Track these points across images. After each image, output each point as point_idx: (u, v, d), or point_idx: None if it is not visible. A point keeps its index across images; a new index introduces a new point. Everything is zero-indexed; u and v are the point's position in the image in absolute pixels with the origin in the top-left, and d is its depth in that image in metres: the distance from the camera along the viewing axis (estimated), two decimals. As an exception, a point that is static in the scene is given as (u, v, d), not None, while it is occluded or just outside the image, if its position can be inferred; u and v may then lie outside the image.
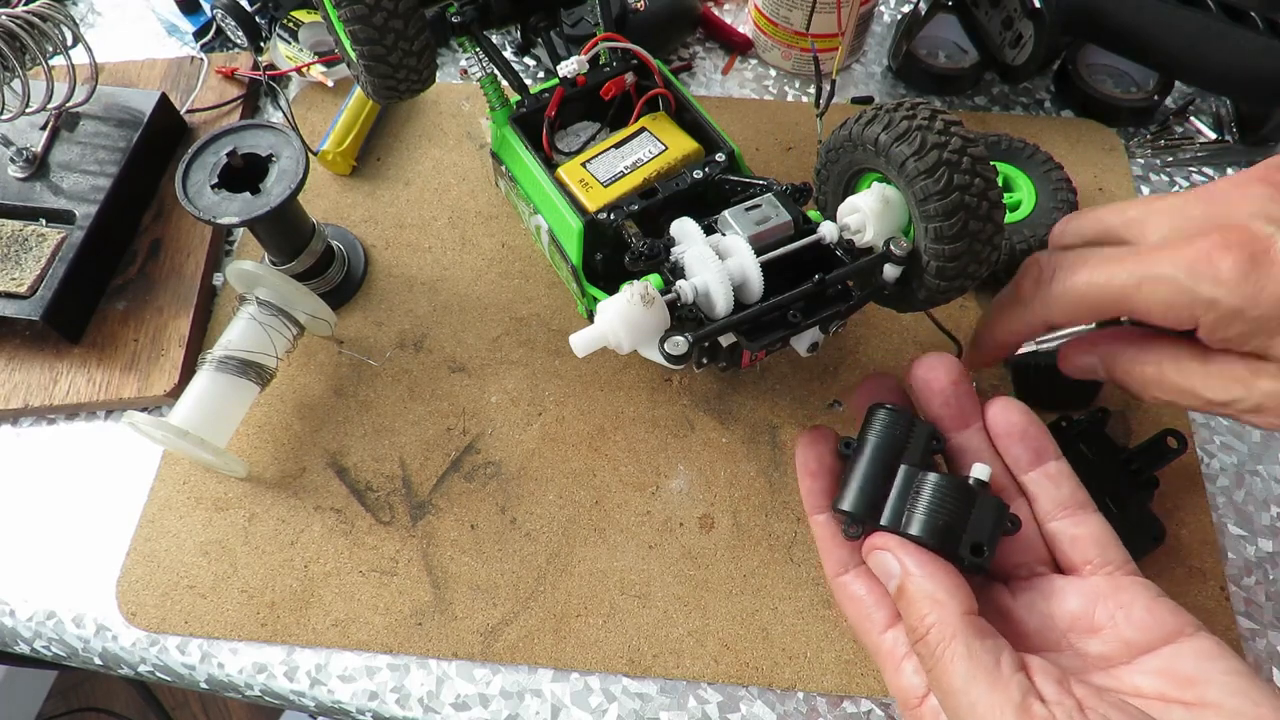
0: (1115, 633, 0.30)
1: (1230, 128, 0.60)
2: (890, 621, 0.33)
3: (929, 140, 0.35)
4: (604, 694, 0.42)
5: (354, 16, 0.39)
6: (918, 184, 0.35)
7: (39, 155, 0.55)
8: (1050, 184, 0.52)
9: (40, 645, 0.45)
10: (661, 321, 0.36)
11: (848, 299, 0.38)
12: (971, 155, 0.35)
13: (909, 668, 0.32)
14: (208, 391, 0.45)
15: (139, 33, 0.68)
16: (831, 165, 0.42)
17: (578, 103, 0.49)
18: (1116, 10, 0.54)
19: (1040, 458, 0.34)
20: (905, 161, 0.35)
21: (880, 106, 0.37)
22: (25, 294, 0.49)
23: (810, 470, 0.36)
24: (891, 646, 0.33)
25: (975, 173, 0.35)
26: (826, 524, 0.36)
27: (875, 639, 0.33)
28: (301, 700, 0.43)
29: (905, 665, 0.32)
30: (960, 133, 0.35)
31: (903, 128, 0.35)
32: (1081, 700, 0.27)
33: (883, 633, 0.33)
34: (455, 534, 0.45)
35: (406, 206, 0.57)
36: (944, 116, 0.36)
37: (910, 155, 0.35)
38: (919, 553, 0.31)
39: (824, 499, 0.36)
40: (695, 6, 0.65)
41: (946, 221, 0.35)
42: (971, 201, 0.35)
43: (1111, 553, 0.32)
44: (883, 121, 0.36)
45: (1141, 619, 0.30)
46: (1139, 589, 0.31)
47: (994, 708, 0.27)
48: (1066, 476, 0.34)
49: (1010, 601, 0.33)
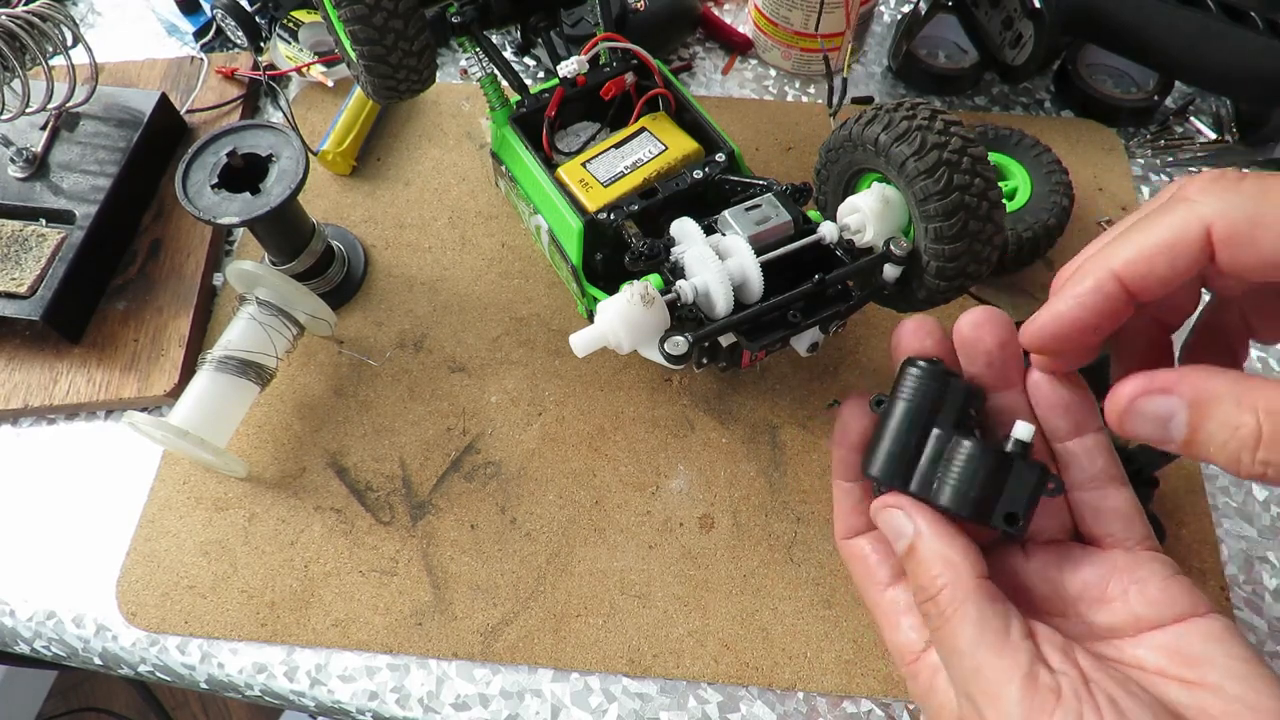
0: (1126, 606, 0.30)
1: (1230, 128, 0.60)
2: (893, 579, 0.33)
3: (929, 140, 0.35)
4: (604, 694, 0.42)
5: (354, 16, 0.39)
6: (918, 184, 0.35)
7: (39, 155, 0.55)
8: (1043, 168, 0.52)
9: (40, 645, 0.45)
10: (661, 321, 0.36)
11: (847, 299, 0.38)
12: (971, 155, 0.35)
13: (906, 624, 0.32)
14: (208, 391, 0.45)
15: (139, 33, 0.68)
16: (831, 165, 0.42)
17: (578, 103, 0.49)
18: (1116, 10, 0.54)
19: (1080, 429, 0.32)
20: (905, 161, 0.35)
21: (880, 106, 0.37)
22: (25, 294, 0.49)
23: (843, 438, 0.34)
24: (892, 603, 0.33)
25: (975, 173, 0.35)
26: (850, 491, 0.35)
27: (876, 595, 0.33)
28: (301, 700, 0.43)
29: (903, 622, 0.32)
30: (960, 133, 0.35)
31: (903, 128, 0.35)
32: (1085, 672, 0.27)
33: (884, 589, 0.33)
34: (455, 534, 0.45)
35: (406, 206, 0.57)
36: (944, 116, 0.36)
37: (910, 155, 0.35)
38: (931, 513, 0.30)
39: (849, 470, 0.34)
40: (695, 6, 0.65)
41: (946, 222, 0.35)
42: (971, 201, 0.35)
43: (1136, 528, 0.31)
44: (882, 121, 0.36)
45: (1154, 595, 0.29)
46: (1157, 565, 0.30)
47: (1001, 672, 0.26)
48: (1104, 450, 0.32)
49: (1022, 563, 0.32)
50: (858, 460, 0.35)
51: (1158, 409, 0.25)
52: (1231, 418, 0.24)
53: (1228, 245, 0.25)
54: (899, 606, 0.33)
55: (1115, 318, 0.28)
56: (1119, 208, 0.56)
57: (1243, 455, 0.24)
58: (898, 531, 0.31)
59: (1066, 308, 0.28)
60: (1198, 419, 0.25)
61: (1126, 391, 0.26)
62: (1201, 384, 0.25)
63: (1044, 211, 0.51)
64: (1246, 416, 0.24)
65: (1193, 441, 0.25)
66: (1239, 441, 0.24)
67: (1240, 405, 0.24)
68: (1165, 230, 0.26)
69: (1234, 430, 0.24)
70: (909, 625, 0.32)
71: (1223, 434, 0.24)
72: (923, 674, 0.31)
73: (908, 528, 0.30)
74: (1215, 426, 0.24)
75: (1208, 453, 0.25)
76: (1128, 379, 0.26)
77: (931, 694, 0.31)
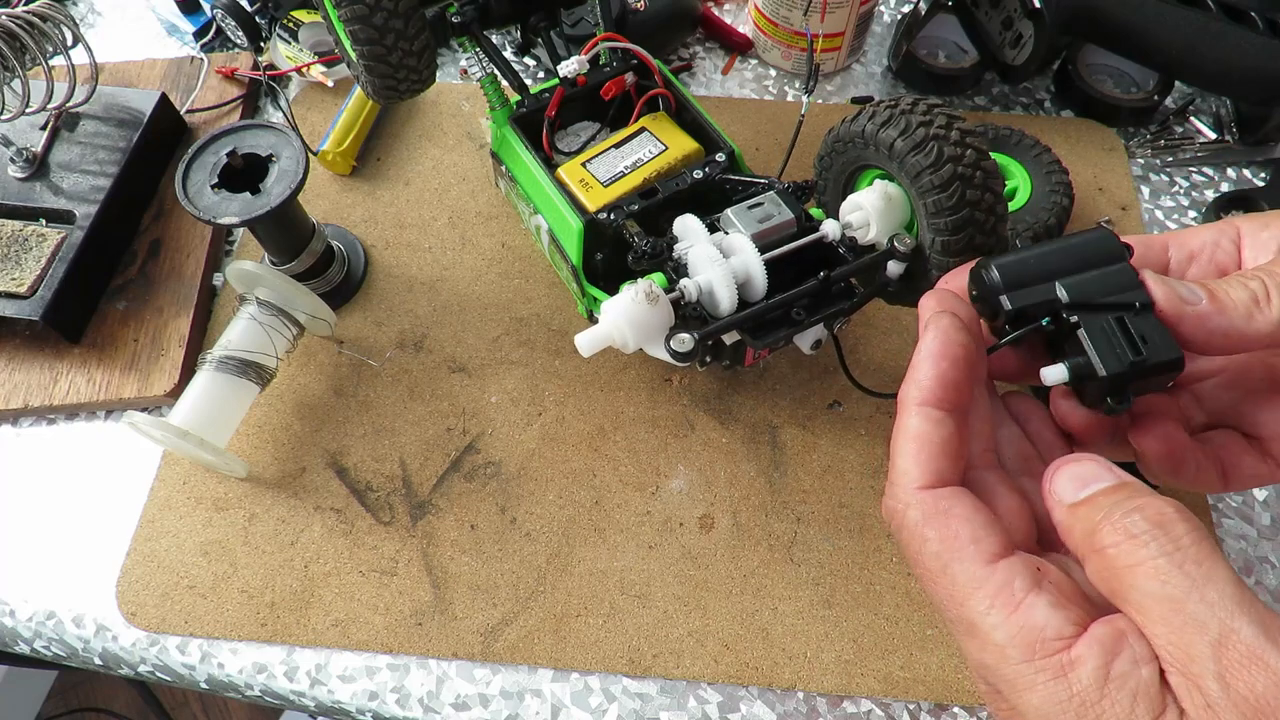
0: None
1: (1230, 128, 0.60)
2: (1003, 550, 0.26)
3: (914, 120, 0.35)
4: (604, 694, 0.42)
5: (354, 16, 0.39)
6: (909, 161, 0.35)
7: (39, 155, 0.55)
8: (1043, 168, 0.53)
9: (40, 645, 0.45)
10: (666, 319, 0.36)
11: (851, 296, 0.38)
12: (959, 129, 0.35)
13: (1044, 603, 0.24)
14: (208, 391, 0.45)
15: (139, 33, 0.68)
16: (828, 169, 0.42)
17: (578, 103, 0.49)
18: (1116, 10, 0.54)
19: None
20: (894, 143, 0.35)
21: (879, 103, 0.37)
22: (25, 294, 0.49)
23: (944, 349, 0.28)
24: (1007, 579, 0.25)
25: (965, 144, 0.35)
26: (942, 423, 0.28)
27: (977, 570, 0.25)
28: (301, 700, 0.43)
29: (1036, 600, 0.24)
30: (960, 126, 0.35)
31: (886, 115, 0.36)
32: None
33: (991, 562, 0.25)
34: (455, 534, 0.45)
35: (406, 206, 0.57)
36: (925, 101, 0.36)
37: (898, 136, 0.35)
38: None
39: (945, 393, 0.28)
40: (695, 6, 0.65)
41: (944, 193, 0.35)
42: (965, 171, 0.35)
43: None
44: (867, 114, 0.36)
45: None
46: None
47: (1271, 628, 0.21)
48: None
49: None
50: (960, 378, 0.28)
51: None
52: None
53: None
54: (1021, 583, 0.25)
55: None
56: (1119, 207, 0.56)
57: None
58: (1095, 475, 0.26)
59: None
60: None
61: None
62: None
63: (1044, 211, 0.51)
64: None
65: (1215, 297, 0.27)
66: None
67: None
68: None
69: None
70: (1046, 604, 0.24)
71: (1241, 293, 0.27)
72: (1085, 660, 0.23)
73: (1108, 474, 0.26)
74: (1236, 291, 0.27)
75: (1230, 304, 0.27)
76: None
77: (1101, 680, 0.23)
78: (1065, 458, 0.27)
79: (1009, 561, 0.25)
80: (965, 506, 0.27)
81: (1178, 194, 0.58)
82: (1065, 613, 0.24)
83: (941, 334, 0.29)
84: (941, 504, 0.27)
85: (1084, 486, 0.26)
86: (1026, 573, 0.25)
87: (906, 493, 0.27)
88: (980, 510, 0.27)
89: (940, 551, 0.26)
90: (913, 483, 0.28)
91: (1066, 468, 0.26)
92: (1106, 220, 0.55)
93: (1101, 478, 0.26)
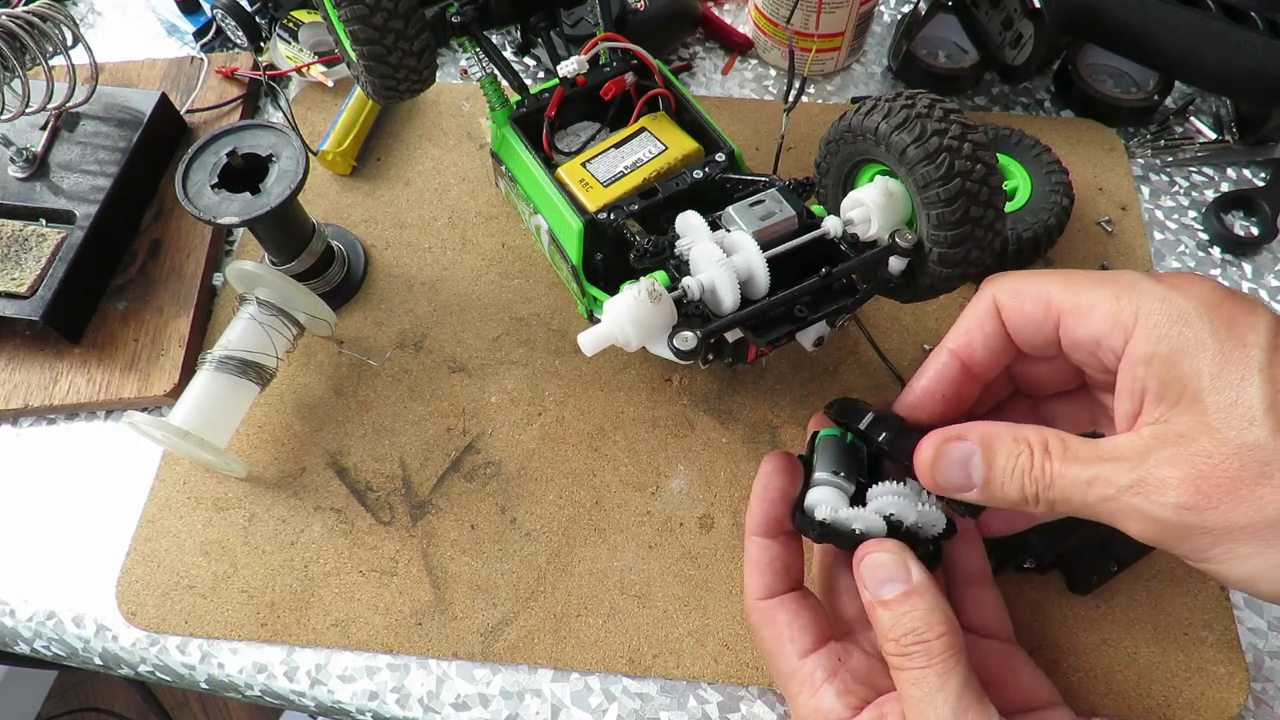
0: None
1: (1230, 128, 0.60)
2: (813, 646, 0.34)
3: (929, 127, 0.35)
4: (604, 694, 0.42)
5: (354, 16, 0.39)
6: (919, 170, 0.35)
7: (39, 155, 0.55)
8: (1042, 168, 0.53)
9: (40, 645, 0.45)
10: (669, 317, 0.36)
11: (854, 292, 0.38)
12: (972, 141, 0.35)
13: (830, 691, 0.33)
14: (208, 391, 0.45)
15: (139, 33, 0.68)
16: (831, 158, 0.42)
17: (578, 103, 0.49)
18: (1116, 10, 0.54)
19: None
20: (906, 149, 0.35)
21: (895, 97, 0.37)
22: (25, 294, 0.49)
23: (765, 491, 0.37)
24: (811, 671, 0.34)
25: (976, 158, 0.35)
26: (767, 548, 0.36)
27: (793, 663, 0.34)
28: (301, 700, 0.43)
29: (826, 689, 0.33)
30: (959, 119, 0.35)
31: (902, 116, 0.36)
32: None
33: (803, 657, 0.34)
34: (455, 534, 0.45)
35: (406, 206, 0.57)
36: (942, 105, 0.36)
37: (911, 142, 0.35)
38: (919, 562, 0.33)
39: (769, 525, 0.36)
40: (695, 6, 0.65)
41: (949, 207, 0.35)
42: (973, 188, 0.35)
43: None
44: (882, 110, 0.36)
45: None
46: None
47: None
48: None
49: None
50: (779, 515, 0.37)
51: (957, 452, 0.30)
52: (1011, 450, 0.29)
53: (1006, 312, 0.33)
54: (820, 674, 0.34)
55: (958, 384, 0.34)
56: (1119, 208, 0.56)
57: (1025, 483, 0.29)
58: (890, 575, 0.32)
59: (920, 381, 0.35)
60: (989, 455, 0.30)
61: (931, 442, 0.31)
62: (986, 429, 0.31)
63: (1044, 211, 0.51)
64: (1022, 447, 0.29)
65: (989, 481, 0.30)
66: (1020, 468, 0.29)
67: (1015, 440, 0.29)
68: (972, 309, 0.34)
69: (1015, 459, 0.29)
70: (833, 692, 0.33)
71: (1008, 463, 0.29)
72: None
73: (903, 573, 0.32)
74: (1003, 460, 0.29)
75: (1004, 490, 0.30)
76: (929, 434, 0.32)
77: None
78: (869, 543, 0.33)
79: (816, 655, 0.34)
80: (787, 613, 0.35)
81: (1178, 194, 0.58)
82: (847, 699, 0.33)
83: (764, 478, 0.37)
84: (769, 612, 0.35)
85: (882, 585, 0.32)
86: (828, 664, 0.34)
87: (748, 603, 0.37)
88: (801, 615, 0.35)
89: (769, 648, 0.35)
90: (751, 594, 0.36)
91: (869, 556, 0.33)
92: (1106, 220, 0.55)
93: (895, 578, 0.32)
